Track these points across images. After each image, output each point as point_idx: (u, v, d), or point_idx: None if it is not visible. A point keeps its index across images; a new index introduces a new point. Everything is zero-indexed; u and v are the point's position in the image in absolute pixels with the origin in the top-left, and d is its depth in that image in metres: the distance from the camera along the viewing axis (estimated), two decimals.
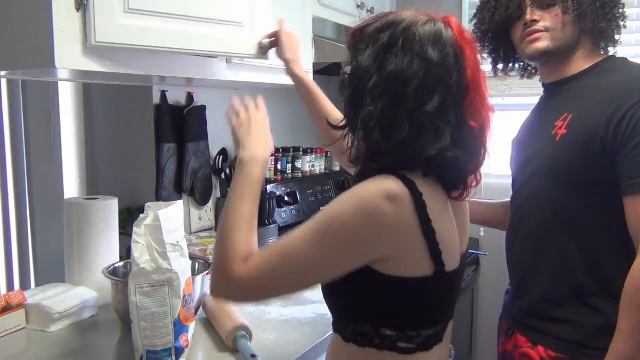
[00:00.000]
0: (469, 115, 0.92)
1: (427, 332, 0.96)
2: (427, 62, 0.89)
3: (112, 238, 1.58)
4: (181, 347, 1.19)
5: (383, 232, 0.87)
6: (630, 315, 1.10)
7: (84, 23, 1.11)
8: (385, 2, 2.48)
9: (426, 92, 0.89)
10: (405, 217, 0.88)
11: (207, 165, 1.96)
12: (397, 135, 0.89)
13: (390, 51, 0.91)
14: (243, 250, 0.97)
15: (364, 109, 0.91)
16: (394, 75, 0.89)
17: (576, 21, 1.27)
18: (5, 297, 1.37)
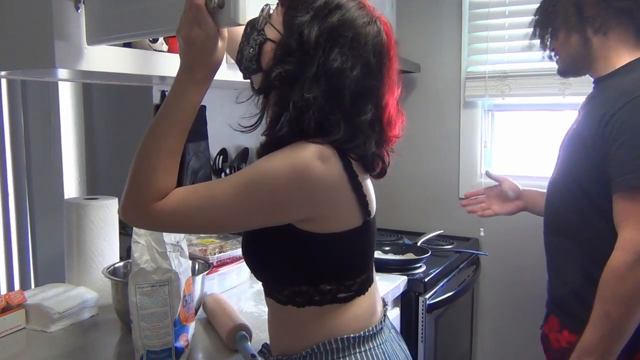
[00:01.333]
0: (388, 129, 1.03)
1: (361, 277, 1.02)
2: (366, 66, 0.93)
3: (112, 238, 1.58)
4: (181, 347, 1.19)
5: (315, 192, 0.91)
6: (598, 306, 1.19)
7: (84, 23, 1.12)
8: (385, 2, 2.48)
9: (362, 100, 0.94)
10: (335, 175, 0.92)
11: (207, 165, 1.96)
12: (332, 132, 0.92)
13: (336, 43, 0.91)
14: (162, 184, 0.92)
15: (296, 93, 0.91)
16: (337, 74, 0.91)
17: (568, 40, 1.36)
18: (5, 297, 1.37)
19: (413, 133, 2.65)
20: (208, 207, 0.91)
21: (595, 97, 1.33)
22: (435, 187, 2.61)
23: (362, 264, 1.04)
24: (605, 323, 1.17)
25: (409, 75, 2.60)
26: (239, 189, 0.90)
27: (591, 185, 1.27)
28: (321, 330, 0.98)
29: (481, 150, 2.52)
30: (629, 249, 1.16)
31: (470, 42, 2.49)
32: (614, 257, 1.18)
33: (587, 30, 1.32)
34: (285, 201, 0.91)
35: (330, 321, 0.98)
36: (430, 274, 1.95)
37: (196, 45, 0.90)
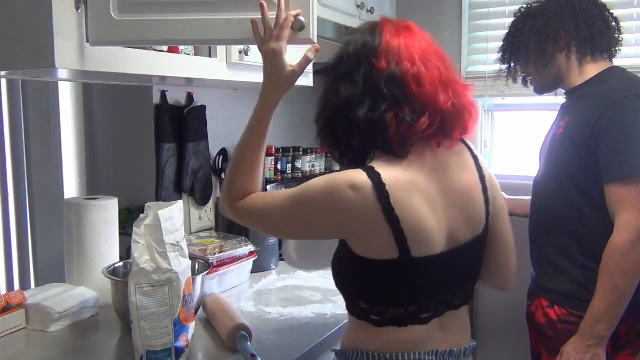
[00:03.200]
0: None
1: (397, 310, 1.03)
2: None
3: (112, 238, 1.58)
4: (181, 347, 1.19)
5: (342, 215, 0.98)
6: (605, 279, 1.37)
7: (84, 23, 1.12)
8: (385, 2, 2.48)
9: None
10: (366, 204, 0.96)
11: (207, 165, 1.96)
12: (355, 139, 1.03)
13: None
14: (242, 187, 1.13)
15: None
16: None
17: (536, 65, 1.57)
18: (5, 297, 1.37)
19: None
20: (268, 214, 1.09)
21: (576, 105, 1.51)
22: None
23: (401, 297, 1.04)
24: (613, 293, 1.35)
25: None
26: (287, 203, 1.05)
27: (582, 178, 1.44)
28: (353, 338, 1.10)
29: (481, 150, 2.52)
30: (629, 229, 1.34)
31: (470, 42, 2.48)
32: (616, 237, 1.35)
33: (554, 53, 1.54)
34: (319, 219, 1.02)
35: (362, 334, 1.07)
36: None
37: (278, 56, 1.16)
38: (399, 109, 0.99)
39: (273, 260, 1.96)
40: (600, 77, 1.51)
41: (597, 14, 1.53)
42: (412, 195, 0.98)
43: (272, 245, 1.95)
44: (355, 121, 1.00)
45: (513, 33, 1.62)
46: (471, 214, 1.07)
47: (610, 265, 1.36)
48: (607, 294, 1.36)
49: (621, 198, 1.36)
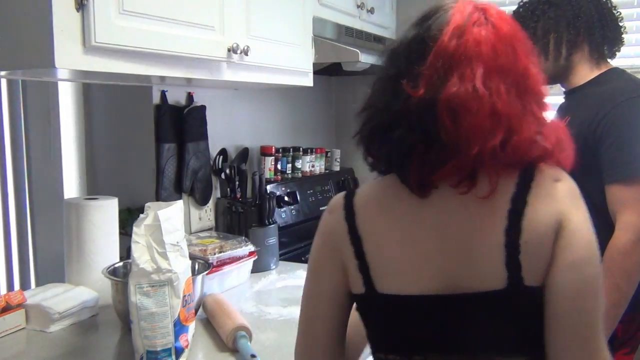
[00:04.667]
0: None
1: (379, 354, 0.89)
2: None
3: (112, 238, 1.58)
4: (181, 347, 1.19)
5: (323, 238, 0.89)
6: (606, 280, 1.37)
7: (84, 23, 1.12)
8: (385, 2, 2.48)
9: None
10: (337, 225, 0.86)
11: (207, 165, 1.96)
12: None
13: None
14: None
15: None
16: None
17: (553, 54, 1.54)
18: (5, 297, 1.37)
19: None
20: None
21: (577, 105, 1.51)
22: None
23: (378, 340, 0.90)
24: (616, 293, 1.35)
25: None
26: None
27: (583, 178, 1.46)
28: None
29: None
30: (631, 230, 1.34)
31: None
32: (617, 237, 1.35)
33: (558, 50, 1.52)
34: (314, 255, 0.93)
35: None
36: None
37: None
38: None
39: (273, 260, 1.96)
40: (602, 78, 1.51)
41: (612, 16, 1.53)
42: (381, 215, 0.85)
43: (272, 245, 1.95)
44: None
45: (529, 18, 1.55)
46: (475, 257, 0.80)
47: (612, 266, 1.35)
48: (609, 295, 1.36)
49: (623, 199, 1.37)
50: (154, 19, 1.27)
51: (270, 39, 1.69)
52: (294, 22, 1.82)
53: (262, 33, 1.65)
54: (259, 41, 1.62)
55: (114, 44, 1.18)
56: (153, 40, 1.27)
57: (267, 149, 2.20)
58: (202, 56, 1.41)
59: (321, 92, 2.68)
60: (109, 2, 1.16)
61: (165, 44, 1.30)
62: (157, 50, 1.28)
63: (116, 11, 1.17)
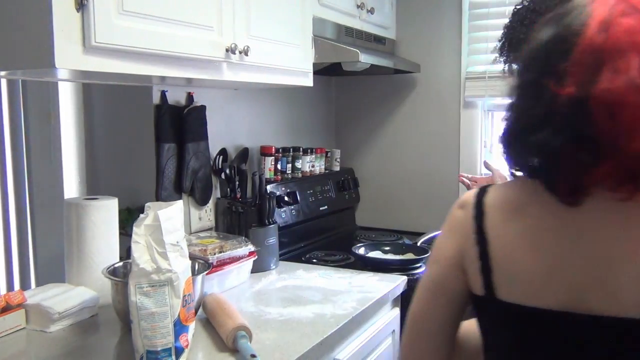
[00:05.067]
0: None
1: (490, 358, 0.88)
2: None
3: (112, 238, 1.58)
4: (181, 347, 1.19)
5: (450, 234, 0.89)
6: None
7: (84, 23, 1.12)
8: (385, 2, 2.48)
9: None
10: (466, 222, 0.85)
11: (207, 165, 1.96)
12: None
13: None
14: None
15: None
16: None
17: None
18: (5, 297, 1.37)
19: (413, 133, 2.65)
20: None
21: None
22: (435, 187, 2.61)
23: (491, 345, 0.88)
24: None
25: (409, 75, 2.60)
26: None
27: None
28: None
29: (481, 150, 2.52)
30: None
31: (470, 42, 2.49)
32: None
33: None
34: (438, 252, 0.93)
35: None
36: None
37: None
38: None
39: (273, 260, 1.96)
40: None
41: None
42: (511, 218, 0.82)
43: (272, 245, 1.95)
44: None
45: (518, 29, 1.56)
46: (617, 276, 0.74)
47: None
48: None
49: None
50: (153, 19, 1.27)
51: (270, 39, 1.69)
52: (294, 22, 1.82)
53: (262, 33, 1.65)
54: (258, 41, 1.62)
55: (114, 44, 1.18)
56: (152, 41, 1.27)
57: (267, 149, 2.20)
58: (200, 56, 1.41)
59: (321, 92, 2.68)
60: (108, 2, 1.16)
61: (165, 44, 1.31)
62: (156, 51, 1.28)
63: (116, 11, 1.18)
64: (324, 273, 1.91)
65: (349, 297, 1.66)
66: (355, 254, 2.09)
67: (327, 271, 1.94)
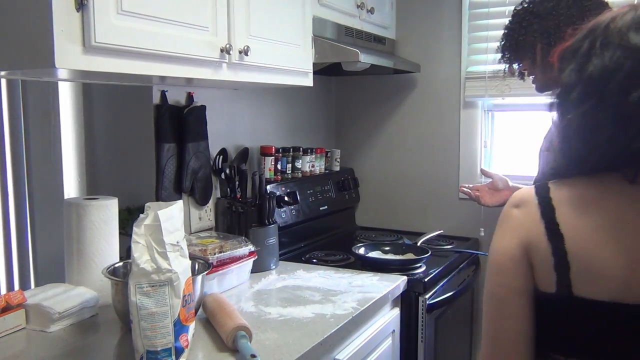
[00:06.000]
0: None
1: (558, 356, 0.87)
2: (630, 49, 0.80)
3: (112, 238, 1.58)
4: (181, 347, 1.19)
5: (511, 233, 0.87)
6: None
7: (84, 23, 1.12)
8: (385, 2, 2.48)
9: (632, 80, 0.79)
10: (530, 219, 0.85)
11: (207, 165, 1.96)
12: (598, 135, 0.81)
13: (590, 55, 0.84)
14: None
15: (564, 122, 0.87)
16: (596, 74, 0.82)
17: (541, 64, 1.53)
18: (5, 297, 1.37)
19: (413, 133, 2.65)
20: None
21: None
22: (435, 187, 2.61)
23: (561, 343, 0.87)
24: None
25: (409, 75, 2.60)
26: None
27: None
28: None
29: (481, 150, 2.52)
30: None
31: (470, 42, 2.49)
32: None
33: (546, 61, 1.48)
34: (496, 255, 0.91)
35: None
36: (430, 274, 1.95)
37: None
38: None
39: (273, 260, 1.96)
40: None
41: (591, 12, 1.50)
42: (587, 213, 0.83)
43: (272, 245, 1.95)
44: None
45: (517, 30, 1.55)
46: None
47: None
48: None
49: None
50: (151, 20, 1.27)
51: (270, 39, 1.69)
52: (294, 22, 1.82)
53: (262, 33, 1.65)
54: (258, 41, 1.62)
55: (114, 44, 1.18)
56: (151, 40, 1.27)
57: (267, 149, 2.20)
58: (197, 56, 1.42)
59: (321, 92, 2.68)
60: (108, 2, 1.16)
61: (163, 44, 1.31)
62: (155, 51, 1.28)
63: (115, 11, 1.18)
64: (324, 273, 1.91)
65: (349, 297, 1.66)
66: (355, 254, 2.09)
67: (327, 271, 1.94)
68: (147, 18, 1.26)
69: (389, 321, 1.77)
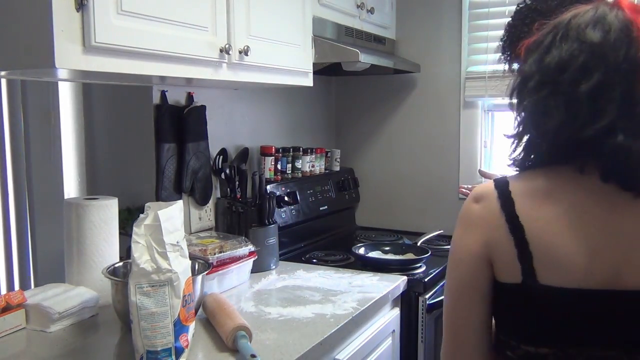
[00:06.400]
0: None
1: (528, 347, 0.89)
2: (586, 44, 0.85)
3: (112, 238, 1.58)
4: (181, 347, 1.19)
5: (472, 229, 0.90)
6: None
7: (84, 23, 1.12)
8: (385, 2, 2.48)
9: (584, 73, 0.84)
10: (490, 213, 0.88)
11: (207, 165, 1.96)
12: (549, 121, 0.86)
13: (550, 47, 0.89)
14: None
15: (520, 110, 0.92)
16: (552, 65, 0.87)
17: None
18: (5, 297, 1.37)
19: (413, 133, 2.65)
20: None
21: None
22: (435, 187, 2.61)
23: (529, 332, 0.89)
24: None
25: (409, 75, 2.60)
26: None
27: None
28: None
29: (481, 150, 2.52)
30: None
31: (470, 42, 2.49)
32: None
33: None
34: (456, 248, 0.94)
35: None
36: (430, 274, 1.95)
37: None
38: None
39: (273, 260, 1.96)
40: None
41: None
42: (545, 204, 0.86)
43: (272, 245, 1.95)
44: None
45: (519, 28, 1.56)
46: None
47: None
48: None
49: None
50: (150, 20, 1.27)
51: (270, 39, 1.69)
52: (294, 22, 1.82)
53: (262, 33, 1.65)
54: (258, 41, 1.62)
55: (114, 44, 1.18)
56: (151, 41, 1.27)
57: (267, 149, 2.20)
58: (196, 56, 1.42)
59: (321, 92, 2.68)
60: (107, 3, 1.16)
61: (163, 44, 1.31)
62: (155, 51, 1.28)
63: (114, 11, 1.18)
64: (324, 273, 1.91)
65: (349, 297, 1.66)
66: (355, 254, 2.09)
67: (327, 271, 1.94)
68: (147, 18, 1.27)
69: (389, 321, 1.77)
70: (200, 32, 1.43)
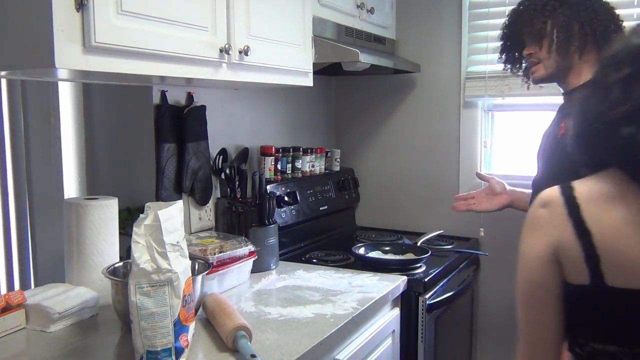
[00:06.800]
0: None
1: (596, 345, 0.92)
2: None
3: (112, 238, 1.58)
4: (181, 347, 1.19)
5: (539, 234, 0.92)
6: None
7: (84, 23, 1.12)
8: (385, 2, 2.48)
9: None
10: (557, 219, 0.90)
11: (207, 165, 1.96)
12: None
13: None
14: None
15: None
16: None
17: (558, 51, 1.55)
18: (5, 297, 1.37)
19: (413, 133, 2.65)
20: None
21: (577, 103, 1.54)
22: (435, 187, 2.61)
23: (598, 331, 0.92)
24: None
25: (409, 75, 2.60)
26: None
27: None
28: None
29: (481, 150, 2.52)
30: None
31: (470, 42, 2.49)
32: None
33: (566, 49, 1.54)
34: (525, 255, 0.96)
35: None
36: (430, 274, 1.95)
37: None
38: None
39: (273, 260, 1.96)
40: None
41: (621, 23, 1.56)
42: (610, 209, 0.88)
43: (272, 245, 1.95)
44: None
45: (540, 12, 1.55)
46: None
47: None
48: None
49: None
50: (150, 20, 1.27)
51: (270, 39, 1.69)
52: (294, 22, 1.82)
53: (262, 33, 1.65)
54: (258, 41, 1.62)
55: (114, 44, 1.18)
56: (151, 40, 1.27)
57: (267, 149, 2.20)
58: (196, 56, 1.41)
59: (321, 92, 2.68)
60: (107, 2, 1.16)
61: (163, 44, 1.31)
62: (155, 51, 1.28)
63: (114, 11, 1.18)
64: (324, 273, 1.91)
65: (349, 297, 1.66)
66: (355, 254, 2.09)
67: (327, 271, 1.94)
68: (147, 18, 1.26)
69: (389, 321, 1.77)
70: (200, 32, 1.43)
